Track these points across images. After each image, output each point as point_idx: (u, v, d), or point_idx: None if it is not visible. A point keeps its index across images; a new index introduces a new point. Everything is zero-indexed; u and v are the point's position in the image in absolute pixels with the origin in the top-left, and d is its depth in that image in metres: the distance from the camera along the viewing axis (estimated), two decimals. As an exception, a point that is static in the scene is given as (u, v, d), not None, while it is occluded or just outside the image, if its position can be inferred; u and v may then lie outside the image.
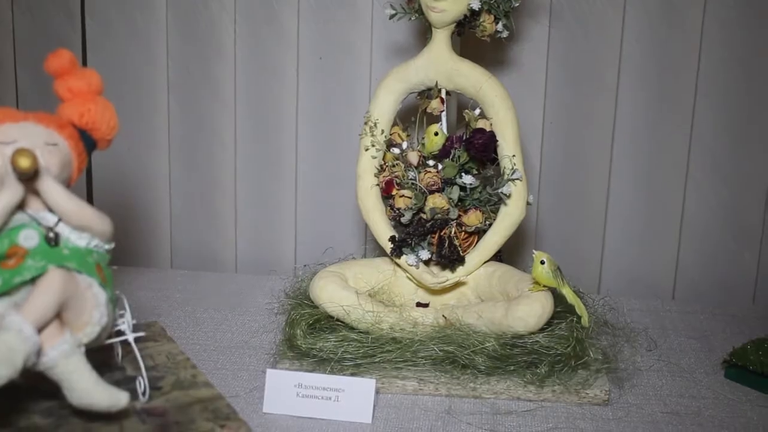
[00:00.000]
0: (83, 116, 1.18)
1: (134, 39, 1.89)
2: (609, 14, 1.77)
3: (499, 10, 1.47)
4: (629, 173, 1.85)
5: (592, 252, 1.87)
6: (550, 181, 1.86)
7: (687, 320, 1.70)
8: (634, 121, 1.82)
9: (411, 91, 1.53)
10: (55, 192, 1.11)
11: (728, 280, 1.87)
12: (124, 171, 1.93)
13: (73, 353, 1.07)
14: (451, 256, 1.48)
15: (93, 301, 1.10)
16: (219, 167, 1.93)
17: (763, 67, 1.77)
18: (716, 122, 1.80)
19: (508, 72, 1.80)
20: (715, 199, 1.84)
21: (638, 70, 1.80)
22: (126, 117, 1.28)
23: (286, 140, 1.89)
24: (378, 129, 1.52)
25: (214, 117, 1.90)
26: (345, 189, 1.87)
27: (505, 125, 1.47)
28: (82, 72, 1.20)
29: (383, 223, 1.53)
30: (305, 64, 1.86)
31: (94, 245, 1.15)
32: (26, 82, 1.94)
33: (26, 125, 1.14)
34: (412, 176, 1.49)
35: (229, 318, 1.65)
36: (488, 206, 1.49)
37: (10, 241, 1.09)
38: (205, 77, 1.89)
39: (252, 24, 1.85)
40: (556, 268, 1.35)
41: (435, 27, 1.48)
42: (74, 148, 1.17)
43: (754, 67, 1.77)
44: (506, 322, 1.34)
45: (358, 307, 1.40)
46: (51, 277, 1.05)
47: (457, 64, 1.48)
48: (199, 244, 1.97)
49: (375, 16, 1.82)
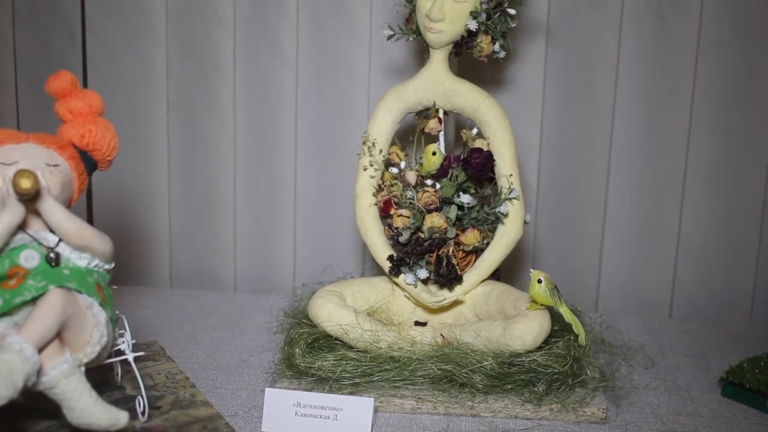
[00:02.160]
0: (84, 137, 1.19)
1: (134, 57, 1.90)
2: (605, 34, 1.78)
3: (496, 31, 1.47)
4: (626, 192, 1.85)
5: (590, 270, 1.88)
6: (548, 199, 1.87)
7: (684, 338, 1.70)
8: (631, 140, 1.83)
9: (409, 111, 1.54)
10: (56, 212, 1.12)
11: (725, 297, 1.87)
12: (123, 190, 1.93)
13: (73, 373, 1.07)
14: (449, 275, 1.48)
15: (93, 321, 1.11)
16: (218, 186, 1.93)
17: (758, 86, 1.78)
18: (712, 140, 1.81)
19: (505, 91, 1.81)
20: (711, 216, 1.84)
21: (634, 89, 1.81)
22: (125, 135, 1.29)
23: (285, 159, 1.90)
24: (376, 149, 1.53)
25: (213, 136, 1.91)
26: (343, 208, 1.88)
27: (502, 145, 1.47)
28: (83, 93, 1.21)
29: (381, 242, 1.54)
30: (304, 84, 1.87)
31: (94, 265, 1.16)
32: (27, 100, 1.95)
33: (27, 146, 1.15)
34: (410, 195, 1.50)
35: (228, 337, 1.65)
36: (486, 225, 1.49)
37: (11, 261, 1.10)
38: (205, 96, 1.90)
39: (251, 43, 1.86)
40: (554, 287, 1.35)
41: (432, 47, 1.49)
42: (75, 169, 1.18)
43: (749, 86, 1.78)
44: (504, 340, 1.34)
45: (356, 326, 1.40)
46: (52, 297, 1.06)
47: (455, 85, 1.49)
48: (198, 263, 1.97)
49: (373, 36, 1.83)
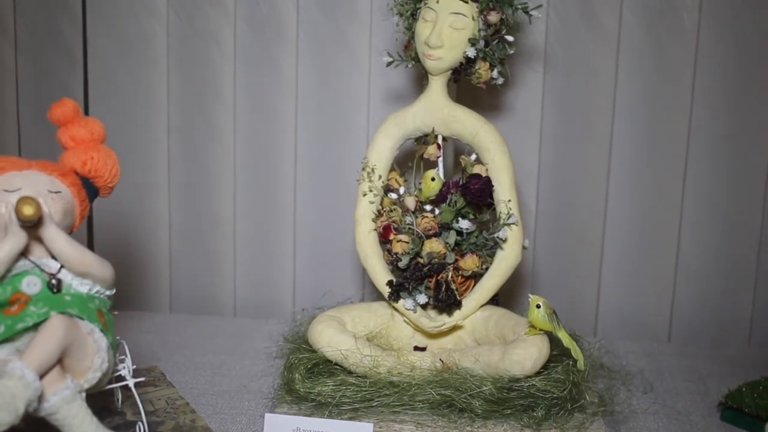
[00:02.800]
0: (86, 164, 1.20)
1: (135, 83, 1.91)
2: (602, 60, 1.80)
3: (494, 58, 1.49)
4: (624, 216, 1.86)
5: (588, 295, 1.88)
6: (546, 225, 1.87)
7: (683, 362, 1.70)
8: (629, 165, 1.84)
9: (408, 137, 1.55)
10: (57, 239, 1.12)
11: (724, 321, 1.87)
12: (124, 215, 1.94)
13: (74, 399, 1.08)
14: (448, 300, 1.49)
15: (94, 347, 1.11)
16: (218, 211, 1.94)
17: (755, 109, 1.79)
18: (710, 164, 1.82)
19: (503, 117, 1.83)
20: (709, 241, 1.85)
21: (632, 113, 1.82)
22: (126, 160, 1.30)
23: (285, 184, 1.91)
24: (376, 174, 1.54)
25: (213, 161, 1.92)
26: (343, 234, 1.88)
27: (500, 170, 1.48)
28: (85, 121, 1.22)
29: (381, 268, 1.54)
30: (304, 110, 1.88)
31: (95, 291, 1.16)
32: (28, 125, 1.96)
33: (30, 173, 1.16)
34: (409, 221, 1.50)
35: (228, 362, 1.65)
36: (485, 250, 1.50)
37: (14, 287, 1.11)
38: (205, 121, 1.91)
39: (251, 68, 1.88)
40: (552, 312, 1.36)
41: (431, 74, 1.50)
42: (77, 196, 1.18)
43: (746, 110, 1.79)
44: (503, 365, 1.34)
45: (356, 352, 1.41)
46: (53, 324, 1.06)
47: (454, 111, 1.50)
48: (198, 288, 1.98)
49: (373, 62, 1.84)
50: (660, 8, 1.77)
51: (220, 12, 1.86)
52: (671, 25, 1.78)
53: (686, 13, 1.77)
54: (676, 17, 1.77)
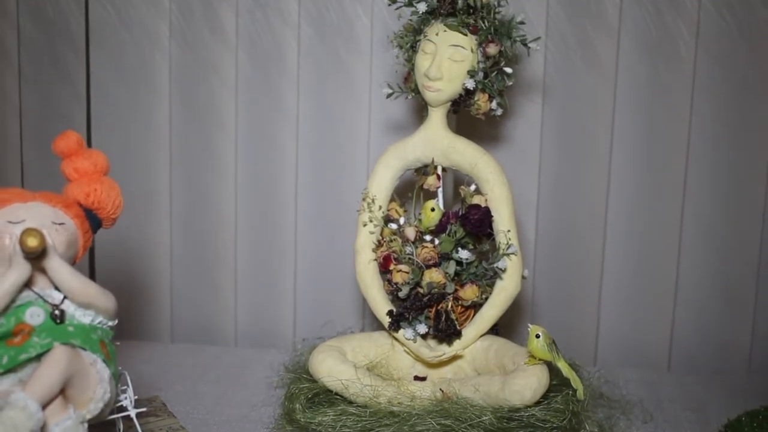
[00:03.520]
0: (89, 196, 1.21)
1: (138, 114, 1.92)
2: (600, 91, 1.81)
3: (493, 89, 1.50)
4: (623, 245, 1.87)
5: (588, 324, 1.88)
6: (545, 255, 1.88)
7: (682, 391, 1.70)
8: (627, 194, 1.85)
9: (408, 167, 1.56)
10: (61, 270, 1.13)
11: (723, 350, 1.87)
12: (125, 245, 1.95)
13: (76, 429, 1.08)
14: (448, 329, 1.49)
15: (97, 378, 1.12)
16: (219, 241, 1.95)
17: (751, 139, 1.80)
18: (708, 193, 1.83)
19: (502, 148, 1.84)
20: (708, 268, 1.86)
21: (630, 144, 1.83)
22: (128, 191, 1.31)
23: (286, 215, 1.92)
24: (376, 205, 1.55)
25: (214, 191, 1.93)
26: (343, 264, 1.89)
27: (500, 201, 1.49)
28: (88, 153, 1.23)
29: (381, 298, 1.55)
30: (304, 140, 1.90)
31: (98, 322, 1.17)
32: (32, 157, 1.97)
33: (34, 205, 1.16)
34: (409, 251, 1.51)
35: (229, 392, 1.65)
36: (484, 280, 1.51)
37: (17, 318, 1.11)
38: (207, 152, 1.92)
39: (252, 100, 1.89)
40: (551, 342, 1.36)
41: (431, 105, 1.51)
42: (80, 227, 1.19)
43: (742, 140, 1.81)
44: (503, 395, 1.34)
45: (356, 381, 1.41)
46: (56, 354, 1.07)
47: (453, 142, 1.52)
48: (199, 317, 1.98)
49: (373, 94, 1.86)
50: (656, 38, 1.79)
51: (222, 43, 1.88)
52: (668, 55, 1.79)
53: (682, 43, 1.78)
54: (673, 47, 1.79)
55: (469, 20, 1.47)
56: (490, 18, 1.47)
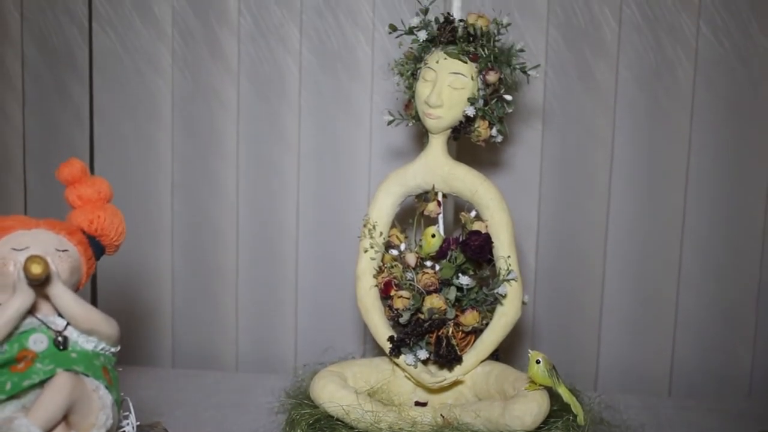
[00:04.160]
0: (93, 223, 1.22)
1: (140, 140, 1.93)
2: (600, 117, 1.82)
3: (493, 116, 1.51)
4: (623, 271, 1.87)
5: (588, 350, 1.89)
6: (545, 280, 1.88)
7: (683, 417, 1.70)
8: (627, 220, 1.86)
9: (409, 194, 1.57)
10: (64, 297, 1.14)
11: (723, 375, 1.88)
12: (127, 270, 1.95)
13: (79, 456, 1.09)
14: (448, 355, 1.49)
15: (99, 404, 1.12)
16: (220, 266, 1.95)
17: (750, 166, 1.81)
18: (708, 217, 1.84)
19: (502, 174, 1.85)
20: (708, 294, 1.86)
21: (629, 169, 1.84)
22: (130, 215, 1.32)
23: (287, 240, 1.93)
24: (377, 231, 1.55)
25: (216, 216, 1.94)
26: (344, 289, 1.89)
27: (500, 227, 1.50)
28: (92, 180, 1.24)
29: (382, 324, 1.55)
30: (306, 166, 1.91)
31: (101, 348, 1.17)
32: (35, 182, 1.98)
33: (38, 232, 1.17)
34: (410, 277, 1.51)
35: (230, 418, 1.65)
36: (485, 306, 1.51)
37: (20, 344, 1.12)
38: (208, 178, 1.93)
39: (254, 125, 1.90)
40: (552, 368, 1.37)
41: (431, 132, 1.52)
42: (83, 254, 1.20)
43: (741, 166, 1.82)
44: (503, 421, 1.34)
45: (357, 407, 1.41)
46: (59, 381, 1.08)
47: (453, 168, 1.52)
48: (200, 343, 1.98)
49: (373, 121, 1.87)
50: (655, 65, 1.81)
51: (224, 70, 1.89)
52: (667, 82, 1.81)
53: (681, 69, 1.80)
54: (672, 74, 1.80)
55: (469, 48, 1.48)
56: (490, 46, 1.49)
